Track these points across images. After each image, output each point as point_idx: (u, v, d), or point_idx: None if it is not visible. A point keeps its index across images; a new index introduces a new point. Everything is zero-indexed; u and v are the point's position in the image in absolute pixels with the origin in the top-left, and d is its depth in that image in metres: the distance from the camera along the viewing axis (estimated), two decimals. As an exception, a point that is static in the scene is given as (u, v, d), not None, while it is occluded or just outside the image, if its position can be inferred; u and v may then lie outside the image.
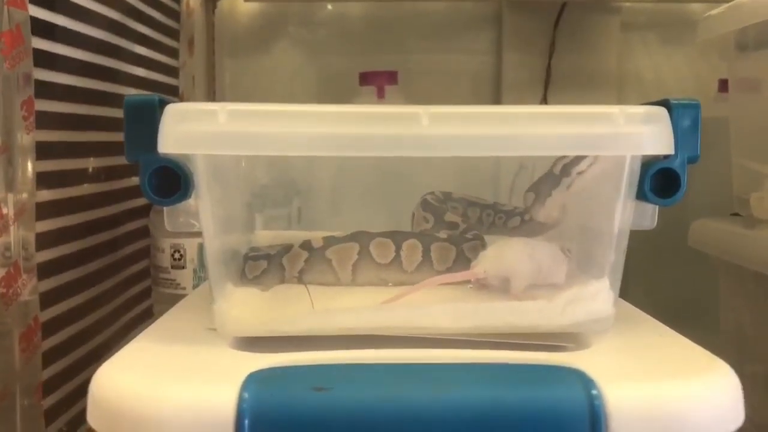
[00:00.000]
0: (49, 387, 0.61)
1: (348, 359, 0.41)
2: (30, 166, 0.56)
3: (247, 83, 1.15)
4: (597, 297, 0.46)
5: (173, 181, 0.44)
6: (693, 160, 0.46)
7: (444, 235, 0.58)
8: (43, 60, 0.60)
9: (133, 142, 0.44)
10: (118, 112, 0.75)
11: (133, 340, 0.46)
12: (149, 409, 0.37)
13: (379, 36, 1.14)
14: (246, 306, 0.49)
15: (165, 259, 0.77)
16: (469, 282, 0.53)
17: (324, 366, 0.40)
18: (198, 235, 0.63)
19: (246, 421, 0.36)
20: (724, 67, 0.89)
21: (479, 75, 1.15)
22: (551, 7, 1.10)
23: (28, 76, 0.55)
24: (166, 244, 0.77)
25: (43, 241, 0.60)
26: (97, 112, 0.72)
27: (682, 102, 0.45)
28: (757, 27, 0.73)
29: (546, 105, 1.05)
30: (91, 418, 0.39)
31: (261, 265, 0.57)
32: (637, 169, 0.45)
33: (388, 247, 0.56)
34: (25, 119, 0.55)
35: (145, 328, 0.48)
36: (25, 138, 0.55)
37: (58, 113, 0.65)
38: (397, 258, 0.56)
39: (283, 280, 0.57)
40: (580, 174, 0.54)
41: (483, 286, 0.53)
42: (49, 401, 0.61)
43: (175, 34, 1.00)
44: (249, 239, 0.62)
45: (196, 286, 0.77)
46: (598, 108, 0.43)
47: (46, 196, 0.62)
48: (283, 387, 0.38)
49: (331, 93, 1.13)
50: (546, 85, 1.11)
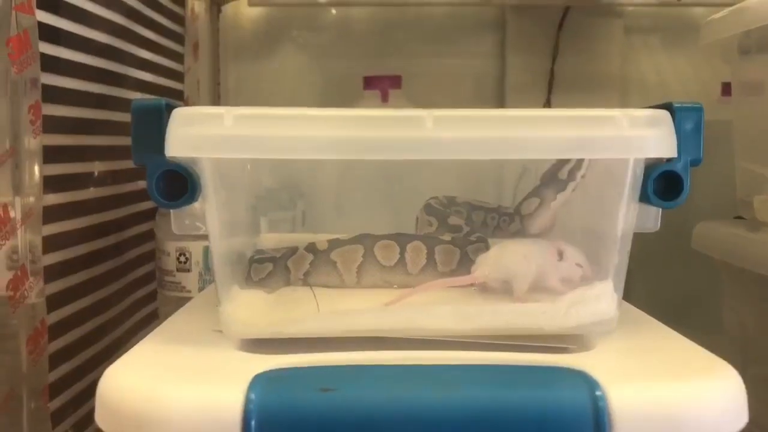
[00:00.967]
0: (55, 389, 0.62)
1: (353, 360, 0.42)
2: (37, 170, 0.56)
3: (251, 87, 1.16)
4: (601, 299, 0.46)
5: (180, 184, 0.45)
6: (696, 163, 0.46)
7: (448, 237, 0.58)
8: (49, 64, 0.61)
9: (141, 146, 0.44)
10: (123, 116, 0.76)
11: (140, 342, 0.46)
12: (157, 410, 0.37)
13: (382, 40, 1.15)
14: (252, 308, 0.50)
15: (170, 262, 0.78)
16: (473, 284, 0.53)
17: (330, 367, 0.40)
18: (203, 238, 0.63)
19: (253, 422, 0.36)
20: (727, 71, 0.90)
21: (483, 79, 1.15)
22: (554, 11, 1.10)
23: (35, 81, 0.55)
24: (172, 247, 0.77)
25: (50, 244, 0.61)
26: (102, 116, 0.73)
27: (685, 105, 0.45)
28: (760, 30, 0.73)
29: (549, 108, 1.05)
30: (99, 418, 0.39)
31: (266, 268, 0.57)
32: (641, 171, 0.45)
33: (392, 249, 0.57)
34: (32, 123, 0.55)
35: (150, 331, 0.49)
36: (32, 142, 0.56)
37: (64, 117, 0.65)
38: (401, 260, 0.56)
39: (288, 283, 0.57)
40: (583, 177, 0.54)
41: (486, 288, 0.53)
42: (55, 403, 0.62)
43: (179, 39, 1.00)
44: (254, 242, 0.63)
45: (201, 289, 0.77)
46: (601, 111, 0.43)
47: (53, 199, 0.62)
48: (289, 388, 0.38)
49: (335, 97, 1.14)
50: (549, 89, 1.11)
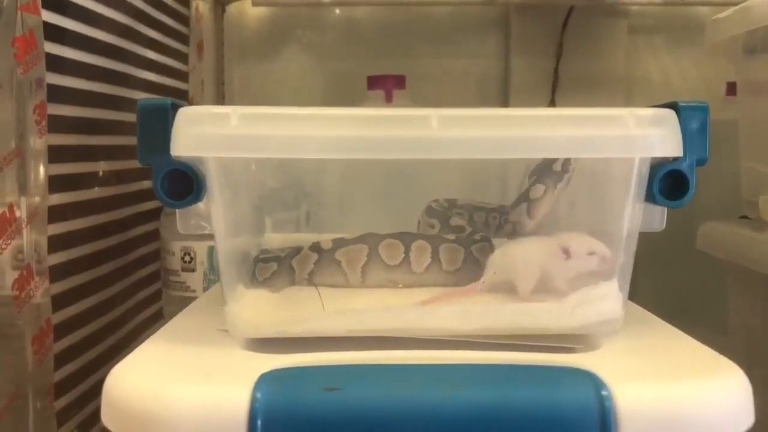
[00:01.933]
0: (61, 389, 0.62)
1: (359, 360, 0.42)
2: (42, 170, 0.56)
3: (255, 87, 1.16)
4: (606, 299, 0.46)
5: (185, 183, 0.45)
6: (702, 163, 0.46)
7: (452, 236, 0.58)
8: (54, 64, 0.61)
9: (146, 146, 0.44)
10: (127, 116, 0.76)
11: (146, 342, 0.46)
12: (163, 409, 0.37)
13: (387, 40, 1.15)
14: (257, 307, 0.50)
15: (175, 262, 0.78)
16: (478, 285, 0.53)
17: (335, 366, 0.40)
18: (208, 238, 0.63)
19: (259, 421, 0.36)
20: (731, 70, 0.89)
21: (487, 79, 1.15)
22: (558, 11, 1.10)
23: (40, 81, 0.56)
24: (177, 247, 0.77)
25: (55, 244, 0.61)
26: (107, 116, 0.73)
27: (690, 104, 0.45)
28: (766, 30, 0.73)
29: (555, 108, 1.05)
30: (105, 418, 0.39)
31: (271, 267, 0.57)
32: (646, 171, 0.45)
33: (397, 248, 0.57)
34: (37, 123, 0.55)
35: (155, 331, 0.49)
36: (38, 142, 0.56)
37: (69, 117, 0.65)
38: (406, 259, 0.56)
39: (293, 282, 0.57)
40: (573, 171, 0.55)
41: (492, 289, 0.53)
42: (61, 403, 0.62)
43: (184, 39, 1.00)
44: (259, 242, 0.63)
45: (206, 289, 0.77)
46: (607, 110, 0.43)
47: (58, 199, 0.63)
48: (295, 387, 0.38)
49: (339, 97, 1.14)
50: (553, 89, 1.11)
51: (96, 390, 0.48)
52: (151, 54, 0.87)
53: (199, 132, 0.42)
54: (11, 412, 0.53)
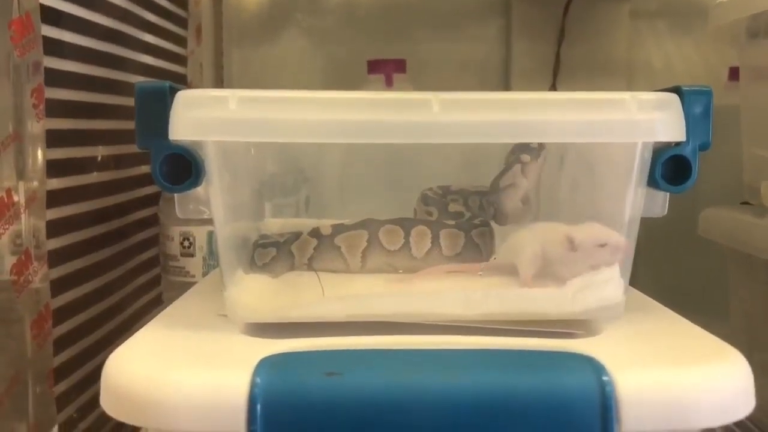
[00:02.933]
0: (60, 373, 0.62)
1: (359, 345, 0.41)
2: (40, 154, 0.56)
3: (254, 71, 1.15)
4: (607, 284, 0.46)
5: (184, 168, 0.44)
6: (704, 147, 0.45)
7: (452, 221, 0.58)
8: (51, 47, 0.60)
9: (144, 129, 0.44)
10: (125, 100, 0.76)
11: (145, 326, 0.46)
12: (163, 393, 0.37)
13: (387, 24, 1.14)
14: (256, 292, 0.49)
15: (174, 247, 0.78)
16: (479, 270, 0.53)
17: (335, 351, 0.40)
18: (207, 223, 0.63)
19: (258, 406, 0.36)
20: (734, 55, 0.89)
21: (488, 63, 1.14)
22: (560, -5, 1.09)
23: (38, 64, 0.55)
24: (176, 232, 0.77)
25: (54, 228, 0.61)
26: (105, 100, 0.73)
27: (693, 89, 0.45)
28: (769, 14, 0.72)
29: (557, 92, 1.05)
30: (104, 402, 0.39)
31: (270, 253, 0.57)
32: (649, 156, 0.45)
33: (397, 234, 0.56)
34: (35, 107, 0.55)
35: (155, 316, 0.49)
36: (36, 126, 0.55)
37: (67, 101, 0.65)
38: (406, 245, 0.56)
39: (292, 267, 0.57)
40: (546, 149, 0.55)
41: (494, 274, 0.53)
42: (60, 387, 0.62)
43: (182, 22, 1.00)
44: (258, 227, 0.62)
45: (205, 274, 0.77)
46: (609, 94, 0.43)
47: (57, 184, 0.62)
48: (295, 372, 0.38)
49: (339, 81, 1.13)
50: (555, 74, 1.10)
51: (95, 375, 0.48)
52: (149, 37, 0.86)
53: (197, 116, 0.42)
54: (11, 397, 0.54)
